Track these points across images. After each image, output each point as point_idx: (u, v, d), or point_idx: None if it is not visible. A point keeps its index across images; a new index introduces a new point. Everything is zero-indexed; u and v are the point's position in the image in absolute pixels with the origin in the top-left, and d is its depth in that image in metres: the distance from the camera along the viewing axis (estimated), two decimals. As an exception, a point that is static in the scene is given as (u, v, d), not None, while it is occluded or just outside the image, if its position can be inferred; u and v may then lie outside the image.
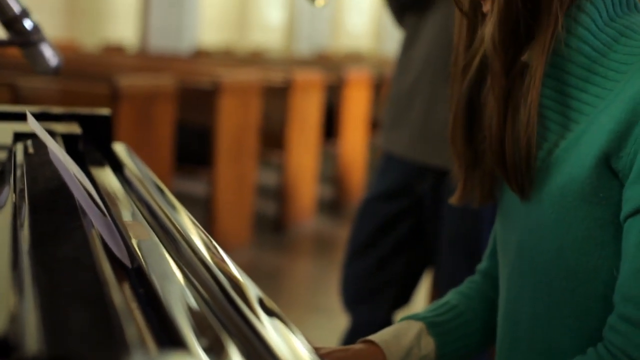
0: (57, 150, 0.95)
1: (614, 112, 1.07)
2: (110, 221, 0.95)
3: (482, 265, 1.44)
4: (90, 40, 10.90)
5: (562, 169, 1.12)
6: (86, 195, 0.93)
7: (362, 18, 18.78)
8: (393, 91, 2.57)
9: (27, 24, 1.84)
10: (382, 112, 2.72)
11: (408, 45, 2.51)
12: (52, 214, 0.93)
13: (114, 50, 9.63)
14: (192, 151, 5.07)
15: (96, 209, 0.93)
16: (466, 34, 1.26)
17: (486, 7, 1.17)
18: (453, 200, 1.33)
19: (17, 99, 3.98)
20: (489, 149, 1.19)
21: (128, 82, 4.11)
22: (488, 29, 1.14)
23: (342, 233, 5.71)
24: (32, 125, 1.00)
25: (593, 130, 1.09)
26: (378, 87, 7.42)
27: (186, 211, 1.20)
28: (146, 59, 8.05)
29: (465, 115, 1.27)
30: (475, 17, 1.25)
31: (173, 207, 1.23)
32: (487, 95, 1.22)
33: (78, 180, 0.93)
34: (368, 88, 7.05)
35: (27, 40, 1.85)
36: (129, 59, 8.09)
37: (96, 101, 3.96)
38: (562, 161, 1.12)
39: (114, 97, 3.96)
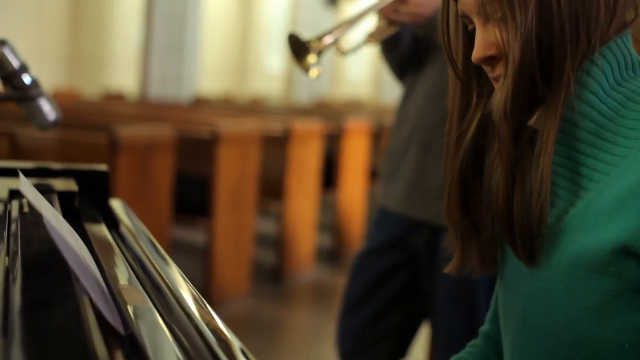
0: (50, 216, 0.94)
1: (631, 184, 1.06)
2: (105, 287, 0.94)
3: (484, 327, 1.41)
4: (90, 88, 10.95)
5: (572, 237, 1.10)
6: (80, 260, 0.92)
7: (362, 66, 18.89)
8: (390, 145, 2.58)
9: (26, 79, 1.85)
10: (381, 163, 2.74)
11: (405, 100, 2.53)
12: (45, 279, 0.92)
13: (115, 99, 9.68)
14: (190, 201, 5.06)
15: (90, 274, 0.92)
16: (460, 101, 1.24)
17: (494, 73, 1.16)
18: (449, 270, 1.30)
19: (15, 149, 3.98)
20: (496, 217, 1.16)
21: (127, 132, 4.12)
22: (499, 96, 1.12)
23: (341, 283, 5.66)
24: (25, 189, 0.99)
25: (606, 199, 1.07)
26: (377, 136, 7.43)
27: (177, 268, 1.21)
28: (146, 107, 8.08)
29: (461, 185, 1.25)
30: (469, 82, 1.24)
31: (166, 262, 1.25)
32: (491, 163, 1.21)
33: (72, 246, 0.93)
34: (367, 137, 7.06)
35: (25, 96, 1.85)
36: (129, 107, 8.12)
37: (95, 151, 3.97)
38: (571, 229, 1.10)
39: (112, 148, 3.97)
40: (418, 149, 2.42)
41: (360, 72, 18.91)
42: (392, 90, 16.95)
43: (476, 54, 1.16)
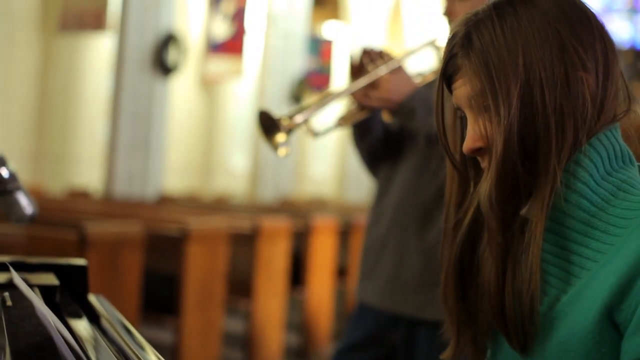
0: (43, 309, 0.92)
1: (616, 266, 1.07)
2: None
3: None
4: (55, 185, 10.89)
5: (564, 323, 1.11)
6: (76, 354, 0.90)
7: (325, 164, 19.02)
8: (366, 241, 2.58)
9: (4, 172, 1.84)
10: (349, 261, 2.73)
11: (380, 196, 2.54)
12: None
13: (79, 196, 9.62)
14: (158, 298, 4.99)
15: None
16: (457, 190, 1.26)
17: (484, 164, 1.18)
18: (445, 356, 1.30)
19: (-18, 245, 3.92)
20: (489, 306, 1.17)
21: (96, 228, 4.08)
22: (484, 187, 1.14)
23: (309, 382, 5.59)
24: (17, 281, 0.97)
25: (595, 285, 1.09)
26: (344, 234, 7.43)
27: (154, 350, 1.24)
28: (112, 205, 8.03)
29: (457, 273, 1.26)
30: (466, 172, 1.26)
31: (144, 350, 1.26)
32: (483, 253, 1.22)
33: (65, 338, 0.90)
34: (334, 235, 7.05)
35: (3, 189, 1.83)
36: (94, 204, 8.06)
37: (64, 248, 3.92)
38: (564, 315, 1.11)
39: (81, 244, 3.92)
40: (396, 244, 2.42)
41: (323, 171, 19.03)
42: (355, 189, 17.07)
43: (466, 145, 1.19)
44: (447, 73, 1.23)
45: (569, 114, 1.13)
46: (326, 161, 19.05)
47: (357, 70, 2.34)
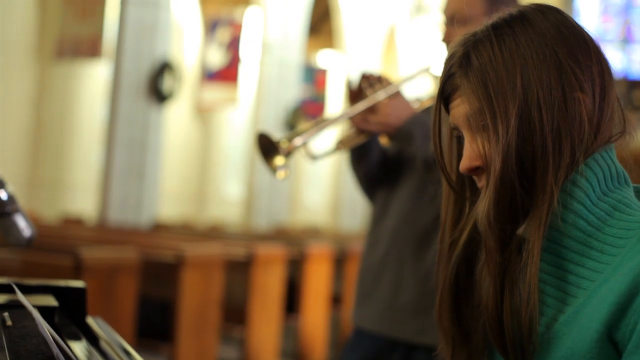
0: (44, 325, 0.92)
1: (614, 285, 1.07)
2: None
3: None
4: (49, 211, 10.87)
5: (562, 343, 1.11)
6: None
7: (320, 193, 19.02)
8: (363, 265, 2.57)
9: (2, 194, 1.83)
10: (343, 289, 2.72)
11: (377, 220, 2.54)
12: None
13: (73, 223, 9.59)
14: (153, 325, 4.97)
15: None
16: (453, 209, 1.27)
17: (481, 183, 1.19)
18: None
19: (-23, 271, 3.90)
20: (487, 326, 1.17)
21: (91, 254, 4.07)
22: (482, 206, 1.15)
23: (303, 411, 5.55)
24: (20, 297, 0.97)
25: (593, 304, 1.09)
26: (339, 261, 7.43)
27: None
28: (106, 232, 8.02)
29: (452, 293, 1.26)
30: (462, 191, 1.26)
31: None
32: (480, 272, 1.22)
33: (67, 356, 0.90)
34: (329, 263, 7.04)
35: (1, 211, 1.83)
36: (89, 231, 8.05)
37: (59, 273, 3.90)
38: (561, 335, 1.12)
39: (77, 270, 3.91)
40: (393, 269, 2.42)
41: (318, 199, 19.03)
42: (349, 217, 17.05)
43: (463, 164, 1.20)
44: (445, 92, 1.24)
45: (566, 133, 1.14)
46: (320, 190, 19.05)
47: (355, 94, 2.35)
